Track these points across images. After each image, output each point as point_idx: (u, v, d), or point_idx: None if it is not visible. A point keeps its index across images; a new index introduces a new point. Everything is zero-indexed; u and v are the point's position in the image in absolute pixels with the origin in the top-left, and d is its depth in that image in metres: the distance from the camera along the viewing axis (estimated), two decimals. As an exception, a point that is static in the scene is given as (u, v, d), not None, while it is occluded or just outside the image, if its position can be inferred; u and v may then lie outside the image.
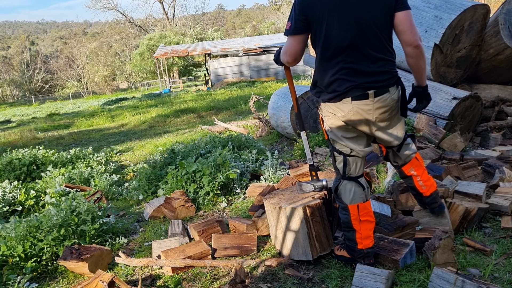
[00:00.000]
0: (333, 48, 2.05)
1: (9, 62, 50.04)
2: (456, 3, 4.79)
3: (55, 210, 3.11)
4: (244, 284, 2.14)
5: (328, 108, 2.18)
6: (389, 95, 2.13)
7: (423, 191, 2.47)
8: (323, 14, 2.01)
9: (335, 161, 2.27)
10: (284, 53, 2.19)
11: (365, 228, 2.22)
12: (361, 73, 2.07)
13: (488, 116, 5.13)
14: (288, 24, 2.11)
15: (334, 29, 2.02)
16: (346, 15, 2.00)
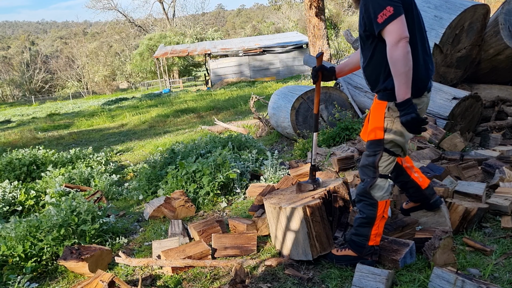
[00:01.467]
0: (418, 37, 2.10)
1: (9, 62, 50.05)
2: (456, 3, 4.79)
3: (55, 210, 3.11)
4: (244, 284, 2.14)
5: None
6: None
7: (421, 183, 2.46)
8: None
9: (380, 160, 2.20)
10: (401, 38, 1.94)
11: (382, 225, 2.25)
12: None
13: (488, 116, 5.13)
14: (390, 9, 1.94)
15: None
16: None
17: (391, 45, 1.94)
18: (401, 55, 1.92)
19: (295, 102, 5.78)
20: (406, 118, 1.97)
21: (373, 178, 2.24)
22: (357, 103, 5.91)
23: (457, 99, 4.53)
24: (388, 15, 1.94)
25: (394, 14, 1.93)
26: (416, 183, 2.46)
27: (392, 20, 1.93)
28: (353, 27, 25.77)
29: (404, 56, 1.93)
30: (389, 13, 1.93)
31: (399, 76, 1.96)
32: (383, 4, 1.95)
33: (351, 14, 32.67)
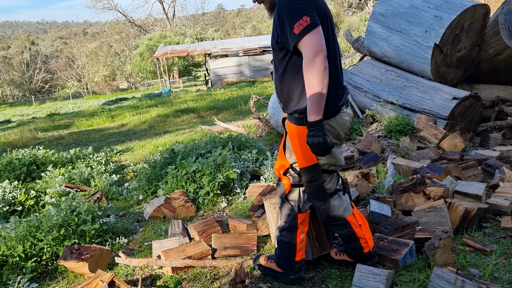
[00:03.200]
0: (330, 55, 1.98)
1: (9, 62, 50.05)
2: (456, 3, 4.79)
3: (55, 210, 3.10)
4: (244, 284, 2.14)
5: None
6: None
7: (298, 254, 2.24)
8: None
9: (324, 182, 2.07)
10: (319, 51, 1.75)
11: (365, 231, 2.21)
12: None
13: (488, 116, 5.13)
14: (306, 19, 1.76)
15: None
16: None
17: (307, 58, 1.75)
18: (318, 70, 1.74)
19: (295, 102, 5.77)
20: (313, 140, 1.82)
21: (325, 203, 2.12)
22: (357, 103, 5.91)
23: (457, 99, 4.53)
24: (305, 25, 1.75)
25: (311, 25, 1.75)
26: (295, 250, 2.23)
27: (309, 31, 1.75)
28: (353, 27, 25.76)
29: (320, 72, 1.74)
30: (306, 23, 1.75)
31: (313, 94, 1.77)
32: (299, 13, 1.76)
33: (351, 14, 32.66)
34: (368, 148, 4.35)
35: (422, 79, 5.07)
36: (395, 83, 5.28)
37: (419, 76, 5.15)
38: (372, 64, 5.82)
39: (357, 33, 20.13)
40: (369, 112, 5.50)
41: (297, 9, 1.77)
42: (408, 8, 5.16)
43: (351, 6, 34.19)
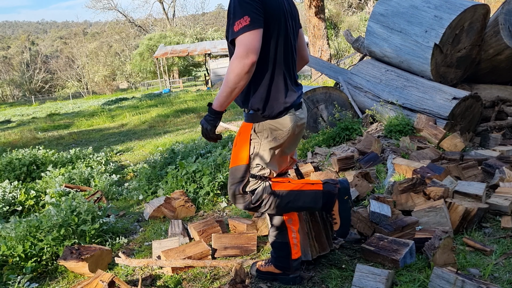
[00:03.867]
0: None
1: (9, 62, 50.05)
2: (456, 3, 4.79)
3: (55, 210, 3.10)
4: (244, 284, 2.14)
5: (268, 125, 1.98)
6: None
7: (293, 252, 2.21)
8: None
9: (247, 184, 2.07)
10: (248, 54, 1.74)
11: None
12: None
13: (488, 116, 5.13)
14: (246, 19, 1.75)
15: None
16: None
17: (236, 56, 1.75)
18: (238, 72, 1.74)
19: (295, 102, 5.77)
20: (206, 125, 1.93)
21: (247, 200, 2.11)
22: (357, 103, 5.91)
23: (457, 99, 4.53)
24: (244, 25, 1.74)
25: (248, 26, 1.74)
26: (290, 249, 2.21)
27: (246, 31, 1.74)
28: (353, 27, 25.77)
29: (239, 74, 1.74)
30: (245, 22, 1.74)
31: (226, 88, 1.80)
32: (243, 12, 1.76)
33: (351, 14, 32.66)
34: (368, 148, 4.35)
35: (422, 79, 5.07)
36: (395, 83, 5.28)
37: (419, 76, 5.15)
38: (372, 64, 5.82)
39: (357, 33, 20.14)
40: (369, 112, 5.50)
41: (242, 7, 1.77)
42: (408, 8, 5.16)
43: (351, 6, 34.18)
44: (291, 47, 2.00)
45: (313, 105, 5.87)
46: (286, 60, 1.97)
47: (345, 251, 2.55)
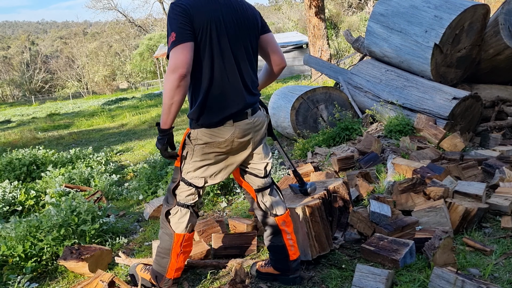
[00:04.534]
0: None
1: (9, 62, 50.04)
2: (456, 3, 4.79)
3: (55, 210, 3.10)
4: (244, 284, 2.14)
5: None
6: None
7: (291, 254, 2.23)
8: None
9: (177, 188, 2.08)
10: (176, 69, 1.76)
11: (181, 260, 2.14)
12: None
13: (488, 116, 5.13)
14: (173, 35, 1.78)
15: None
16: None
17: (167, 72, 1.78)
18: (170, 87, 1.76)
19: (295, 102, 5.78)
20: (157, 145, 1.93)
21: (171, 204, 2.10)
22: (357, 103, 5.91)
23: (457, 99, 4.53)
24: (171, 41, 1.77)
25: (175, 42, 1.77)
26: (287, 251, 2.22)
27: (173, 47, 1.77)
28: (353, 27, 25.77)
29: (171, 89, 1.76)
30: (172, 38, 1.77)
31: (164, 106, 1.82)
32: (171, 28, 1.79)
33: (351, 14, 32.66)
34: (368, 148, 4.35)
35: (422, 79, 5.07)
36: (395, 83, 5.28)
37: (419, 76, 5.15)
38: (372, 64, 5.82)
39: (357, 33, 20.14)
40: (369, 112, 5.50)
41: (170, 24, 1.81)
42: (408, 8, 5.16)
43: (351, 6, 34.18)
44: (236, 56, 1.93)
45: (313, 105, 5.87)
46: (227, 70, 1.91)
47: (345, 251, 2.55)
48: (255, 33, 2.04)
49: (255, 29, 2.04)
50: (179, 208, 2.08)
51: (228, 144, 1.97)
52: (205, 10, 1.85)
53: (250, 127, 2.01)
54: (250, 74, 2.03)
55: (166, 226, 2.11)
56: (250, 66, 2.03)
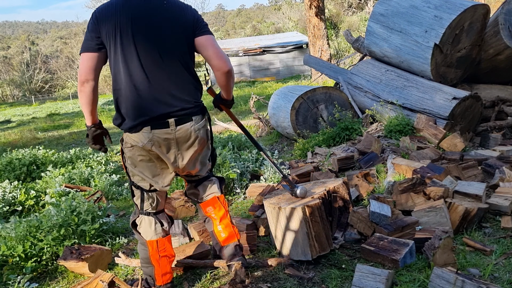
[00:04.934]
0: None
1: (9, 62, 50.04)
2: (456, 3, 4.79)
3: (55, 210, 3.11)
4: (244, 284, 2.14)
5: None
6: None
7: (221, 240, 2.30)
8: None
9: (133, 196, 2.18)
10: (79, 76, 1.97)
11: (164, 264, 2.16)
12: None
13: (488, 116, 5.13)
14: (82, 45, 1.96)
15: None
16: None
17: None
18: (78, 90, 1.96)
19: (295, 102, 5.78)
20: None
21: (134, 214, 2.20)
22: (357, 103, 5.91)
23: (457, 99, 4.53)
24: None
25: (81, 50, 1.93)
26: (216, 237, 2.32)
27: (80, 54, 1.94)
28: (353, 27, 25.77)
29: (79, 92, 1.95)
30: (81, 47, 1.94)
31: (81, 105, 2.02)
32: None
33: (351, 14, 32.66)
34: (368, 148, 4.35)
35: (422, 79, 5.07)
36: (395, 83, 5.27)
37: (419, 76, 5.15)
38: (372, 64, 5.82)
39: (357, 33, 20.14)
40: (369, 112, 5.50)
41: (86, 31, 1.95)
42: (408, 8, 5.15)
43: (351, 6, 34.18)
44: (147, 62, 1.90)
45: (313, 105, 5.87)
46: (135, 77, 1.90)
47: (345, 251, 2.55)
48: (183, 36, 1.95)
49: (183, 32, 1.95)
50: (143, 217, 2.15)
51: (147, 150, 1.99)
52: (113, 17, 1.87)
53: (171, 138, 1.98)
54: (174, 81, 1.95)
55: (137, 236, 2.18)
56: (175, 72, 1.95)
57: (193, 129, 2.01)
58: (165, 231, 2.18)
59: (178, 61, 1.96)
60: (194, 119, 2.03)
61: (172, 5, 1.96)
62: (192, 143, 2.04)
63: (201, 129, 2.06)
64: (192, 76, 2.03)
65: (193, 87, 2.03)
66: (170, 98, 1.94)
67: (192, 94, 2.02)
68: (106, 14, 1.89)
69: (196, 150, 2.08)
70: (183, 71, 1.98)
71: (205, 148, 2.17)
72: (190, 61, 2.02)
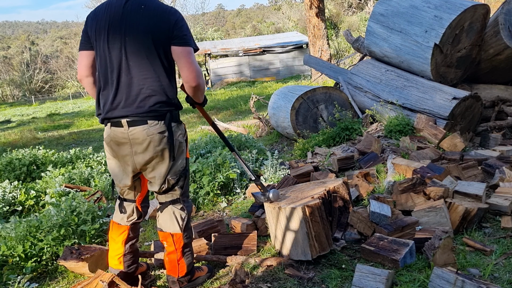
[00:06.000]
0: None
1: (9, 62, 50.03)
2: (456, 3, 4.79)
3: (55, 210, 3.10)
4: (244, 284, 2.14)
5: None
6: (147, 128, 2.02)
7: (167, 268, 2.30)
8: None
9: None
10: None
11: (112, 248, 2.31)
12: None
13: (488, 116, 5.13)
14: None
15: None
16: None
17: None
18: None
19: (295, 102, 5.78)
20: None
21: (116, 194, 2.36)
22: (357, 103, 5.91)
23: (457, 99, 4.53)
24: None
25: (78, 49, 2.13)
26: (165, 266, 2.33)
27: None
28: (353, 27, 25.77)
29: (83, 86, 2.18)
30: None
31: None
32: None
33: (351, 14, 32.67)
34: (368, 148, 4.35)
35: (422, 79, 5.07)
36: (395, 83, 5.28)
37: (419, 76, 5.15)
38: (372, 64, 5.82)
39: (357, 33, 20.14)
40: (369, 112, 5.50)
41: None
42: (408, 8, 5.16)
43: (351, 6, 34.19)
44: (113, 66, 1.98)
45: (313, 105, 5.87)
46: (103, 77, 2.04)
47: (345, 251, 2.55)
48: (154, 42, 1.95)
49: (154, 38, 1.95)
50: (116, 198, 2.30)
51: (108, 144, 2.11)
52: (96, 20, 2.02)
53: (126, 138, 2.03)
54: (137, 85, 1.98)
55: None
56: (140, 77, 1.97)
57: (146, 132, 2.00)
58: (127, 220, 2.25)
59: (145, 66, 1.97)
60: (150, 123, 2.01)
61: (149, 10, 1.96)
62: (146, 147, 2.02)
63: (156, 134, 2.01)
64: (161, 81, 2.00)
65: (157, 93, 2.01)
66: (130, 100, 2.00)
67: (152, 99, 2.00)
68: (93, 17, 2.04)
69: (152, 156, 2.04)
70: (150, 77, 1.98)
71: (165, 159, 2.06)
72: (162, 67, 2.00)
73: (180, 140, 2.11)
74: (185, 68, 1.96)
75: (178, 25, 1.97)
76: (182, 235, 2.19)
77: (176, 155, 2.09)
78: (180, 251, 2.20)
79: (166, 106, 2.03)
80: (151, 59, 1.96)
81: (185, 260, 2.23)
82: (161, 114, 2.02)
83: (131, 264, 2.31)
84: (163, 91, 2.01)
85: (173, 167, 2.11)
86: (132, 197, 2.25)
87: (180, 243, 2.19)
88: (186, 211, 2.22)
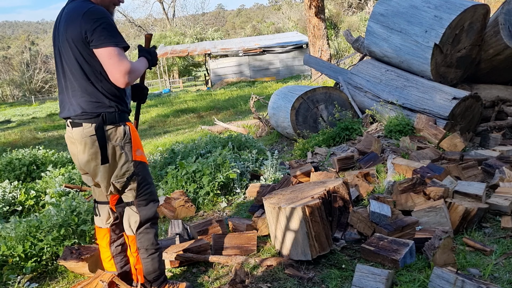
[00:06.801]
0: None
1: (9, 62, 50.02)
2: (456, 3, 4.79)
3: (55, 210, 3.11)
4: (244, 284, 2.14)
5: None
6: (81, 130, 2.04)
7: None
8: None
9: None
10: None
11: (101, 251, 2.33)
12: None
13: (488, 116, 5.13)
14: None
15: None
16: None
17: None
18: None
19: (295, 102, 5.78)
20: None
21: None
22: (357, 103, 5.91)
23: (457, 99, 4.53)
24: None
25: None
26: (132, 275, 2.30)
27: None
28: (353, 27, 25.77)
29: None
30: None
31: None
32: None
33: (351, 14, 32.67)
34: (368, 148, 4.35)
35: (422, 79, 5.07)
36: (395, 83, 5.27)
37: (419, 76, 5.15)
38: (372, 64, 5.82)
39: (357, 33, 20.13)
40: (369, 112, 5.50)
41: None
42: (408, 8, 5.15)
43: (351, 6, 34.19)
44: (59, 70, 2.10)
45: (313, 105, 5.88)
46: (58, 80, 2.14)
47: (345, 251, 2.55)
48: (77, 47, 1.96)
49: (74, 42, 1.96)
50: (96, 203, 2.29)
51: (67, 142, 2.17)
52: (55, 25, 2.12)
53: (72, 137, 2.09)
54: (72, 88, 2.04)
55: None
56: (72, 80, 2.03)
57: (81, 135, 2.04)
58: (106, 222, 2.25)
59: (76, 71, 2.01)
60: (84, 126, 2.03)
61: (68, 15, 2.01)
62: (83, 149, 2.06)
63: (88, 137, 2.03)
64: (94, 84, 2.02)
65: (87, 96, 2.03)
66: (70, 102, 2.07)
67: (84, 102, 2.03)
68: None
69: (88, 159, 2.06)
70: (82, 80, 2.02)
71: (99, 162, 2.05)
72: (91, 70, 2.01)
73: (115, 144, 2.05)
74: (108, 71, 1.97)
75: (91, 27, 1.92)
76: (135, 237, 2.17)
77: (113, 159, 2.06)
78: (136, 254, 2.20)
79: (99, 108, 2.03)
80: (80, 63, 2.00)
81: (143, 267, 2.19)
82: (92, 117, 2.03)
83: (124, 264, 2.30)
84: (94, 94, 2.03)
85: (115, 171, 2.08)
86: (104, 199, 2.24)
87: (134, 246, 2.19)
88: (140, 215, 2.16)
